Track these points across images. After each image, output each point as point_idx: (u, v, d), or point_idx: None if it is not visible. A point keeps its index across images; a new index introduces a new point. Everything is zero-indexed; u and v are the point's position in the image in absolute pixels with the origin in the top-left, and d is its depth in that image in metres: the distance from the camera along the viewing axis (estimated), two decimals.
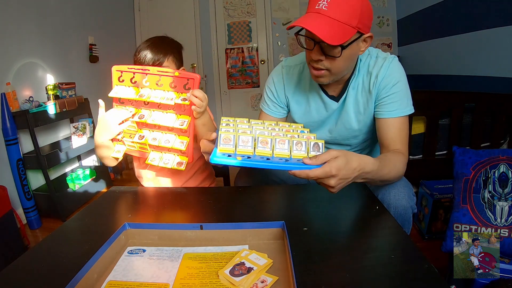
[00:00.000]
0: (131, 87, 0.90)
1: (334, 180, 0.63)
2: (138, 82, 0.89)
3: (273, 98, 1.04)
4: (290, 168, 0.63)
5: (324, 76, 0.84)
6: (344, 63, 0.82)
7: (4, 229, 1.60)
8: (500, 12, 1.88)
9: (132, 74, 0.90)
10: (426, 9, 2.75)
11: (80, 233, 0.72)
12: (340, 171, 0.63)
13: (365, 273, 0.51)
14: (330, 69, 0.82)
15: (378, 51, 0.92)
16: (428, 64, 2.75)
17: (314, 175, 0.62)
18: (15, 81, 2.05)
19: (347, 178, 0.65)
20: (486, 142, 1.76)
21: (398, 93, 0.86)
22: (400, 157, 0.82)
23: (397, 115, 0.87)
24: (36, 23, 2.26)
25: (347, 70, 0.87)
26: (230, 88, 3.86)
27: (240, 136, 0.66)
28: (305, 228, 0.65)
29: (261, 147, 0.66)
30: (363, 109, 0.93)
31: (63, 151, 2.20)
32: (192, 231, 0.64)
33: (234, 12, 3.70)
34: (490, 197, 1.08)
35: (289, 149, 0.67)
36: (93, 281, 0.52)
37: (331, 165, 0.62)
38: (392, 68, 0.87)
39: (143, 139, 0.90)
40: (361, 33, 0.78)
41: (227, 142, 0.65)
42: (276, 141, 0.66)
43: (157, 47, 0.97)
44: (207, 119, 0.93)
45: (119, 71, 0.90)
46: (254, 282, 0.50)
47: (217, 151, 0.66)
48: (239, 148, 0.65)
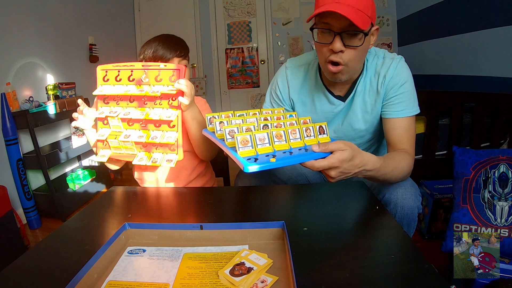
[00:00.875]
0: (116, 85, 0.88)
1: (335, 171, 0.65)
2: (123, 80, 0.87)
3: (277, 99, 1.03)
4: (305, 160, 0.63)
5: (343, 72, 0.82)
6: (362, 56, 0.82)
7: (4, 229, 1.60)
8: (500, 12, 1.88)
9: (117, 72, 0.87)
10: (426, 9, 2.75)
11: (80, 233, 0.72)
12: (342, 164, 0.64)
13: (365, 273, 0.51)
14: (348, 63, 0.80)
15: (385, 52, 0.92)
16: (428, 64, 2.75)
17: (320, 166, 0.63)
18: (15, 81, 2.05)
19: (347, 172, 0.66)
20: (486, 142, 1.75)
21: (405, 93, 0.87)
22: (405, 156, 0.82)
23: (404, 115, 0.87)
24: (36, 23, 2.26)
25: (360, 66, 0.87)
26: (230, 88, 3.86)
27: (256, 135, 0.64)
28: (305, 228, 0.65)
29: (278, 142, 0.66)
30: (370, 109, 0.93)
31: (63, 151, 2.20)
32: (192, 231, 0.64)
33: (234, 12, 3.70)
34: (490, 197, 1.08)
35: (301, 137, 0.68)
36: (93, 281, 0.52)
37: (336, 157, 0.63)
38: (400, 68, 0.88)
39: (128, 138, 0.85)
40: (372, 25, 0.79)
41: (246, 144, 0.63)
42: (289, 132, 0.67)
43: (165, 45, 0.96)
44: (196, 112, 0.90)
45: (103, 70, 0.88)
46: (254, 282, 0.50)
47: (241, 157, 0.62)
48: (258, 147, 0.64)
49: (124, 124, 0.88)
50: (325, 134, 0.71)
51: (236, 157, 0.61)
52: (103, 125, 0.89)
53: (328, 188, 0.98)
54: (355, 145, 1.01)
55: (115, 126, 0.88)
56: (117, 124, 0.88)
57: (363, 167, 0.68)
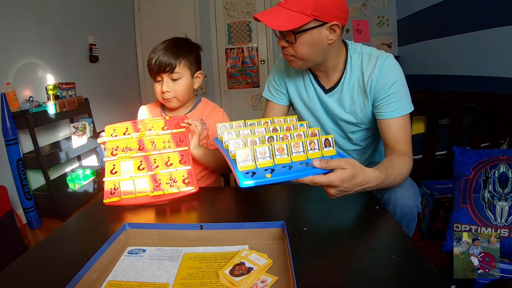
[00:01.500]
0: (123, 136, 0.90)
1: (335, 190, 0.64)
2: (131, 133, 0.90)
3: (275, 84, 1.08)
4: (303, 176, 0.62)
5: (293, 61, 0.90)
6: (306, 50, 0.85)
7: (4, 229, 1.60)
8: (500, 12, 1.88)
9: (125, 129, 0.91)
10: (426, 9, 2.75)
11: (80, 233, 0.72)
12: (342, 183, 0.62)
13: (365, 273, 0.51)
14: (295, 55, 0.87)
15: (371, 50, 0.92)
16: (428, 64, 2.75)
17: (318, 182, 0.62)
18: (15, 81, 2.05)
19: (348, 190, 0.65)
20: (486, 142, 1.75)
21: (397, 93, 0.86)
22: (404, 160, 0.82)
23: (398, 114, 0.87)
24: (36, 23, 2.26)
25: (317, 58, 0.88)
26: (230, 88, 3.86)
27: (257, 149, 0.65)
28: (305, 228, 0.65)
29: (279, 155, 0.66)
30: (359, 108, 0.94)
31: (63, 151, 2.20)
32: (192, 231, 0.64)
33: (234, 12, 3.70)
34: (490, 197, 1.08)
35: (304, 151, 0.68)
36: (93, 281, 0.52)
37: (336, 175, 0.62)
38: (387, 67, 0.87)
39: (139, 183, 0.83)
40: (321, 21, 0.80)
41: (246, 158, 0.64)
42: (291, 145, 0.67)
43: (169, 52, 0.97)
44: (204, 149, 0.97)
45: (111, 129, 0.91)
46: (254, 282, 0.50)
47: (239, 171, 0.63)
48: (258, 161, 0.64)
49: (135, 168, 0.86)
50: (331, 147, 0.70)
51: (235, 171, 0.63)
52: (111, 174, 0.85)
53: None
54: (351, 140, 1.03)
55: (126, 171, 0.85)
56: (129, 168, 0.86)
57: (366, 185, 0.68)
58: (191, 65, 1.03)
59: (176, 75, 0.99)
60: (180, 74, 0.99)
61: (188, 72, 1.02)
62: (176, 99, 1.02)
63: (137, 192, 0.82)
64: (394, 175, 0.77)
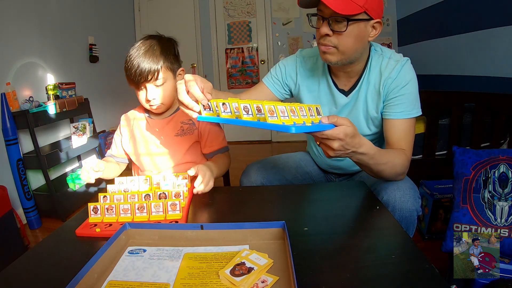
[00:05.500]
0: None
1: (338, 143, 0.65)
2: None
3: (280, 76, 1.06)
4: (317, 130, 0.63)
5: (332, 53, 0.85)
6: (351, 42, 0.83)
7: (4, 229, 1.60)
8: (500, 12, 1.88)
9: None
10: (426, 9, 2.75)
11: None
12: (346, 138, 0.65)
13: (365, 273, 0.51)
14: (338, 46, 0.83)
15: (392, 53, 0.93)
16: (428, 64, 2.75)
17: (327, 133, 0.64)
18: (15, 81, 2.05)
19: (347, 148, 0.67)
20: (486, 142, 1.75)
21: (407, 95, 0.87)
22: (400, 154, 0.83)
23: (403, 116, 0.87)
24: (36, 23, 2.26)
25: (355, 53, 0.87)
26: (230, 88, 3.86)
27: (279, 107, 0.62)
28: (305, 228, 0.65)
29: (294, 116, 0.64)
30: (374, 117, 0.94)
31: (63, 151, 2.20)
32: (193, 231, 0.64)
33: (234, 12, 3.70)
34: (490, 197, 1.09)
35: (307, 115, 0.66)
36: (93, 281, 0.52)
37: (342, 129, 0.64)
38: (404, 71, 0.88)
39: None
40: (369, 16, 0.81)
41: (272, 114, 0.61)
42: (299, 108, 0.65)
43: (148, 57, 0.92)
44: (216, 170, 0.95)
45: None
46: (255, 282, 0.50)
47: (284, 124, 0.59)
48: (281, 119, 0.61)
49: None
50: (320, 115, 0.70)
51: (278, 126, 0.58)
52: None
53: (328, 188, 0.98)
54: None
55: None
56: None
57: (359, 148, 0.70)
58: (173, 65, 0.98)
59: (160, 81, 0.94)
60: (164, 79, 0.95)
61: (171, 74, 0.98)
62: (163, 104, 0.99)
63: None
64: (386, 159, 0.78)
